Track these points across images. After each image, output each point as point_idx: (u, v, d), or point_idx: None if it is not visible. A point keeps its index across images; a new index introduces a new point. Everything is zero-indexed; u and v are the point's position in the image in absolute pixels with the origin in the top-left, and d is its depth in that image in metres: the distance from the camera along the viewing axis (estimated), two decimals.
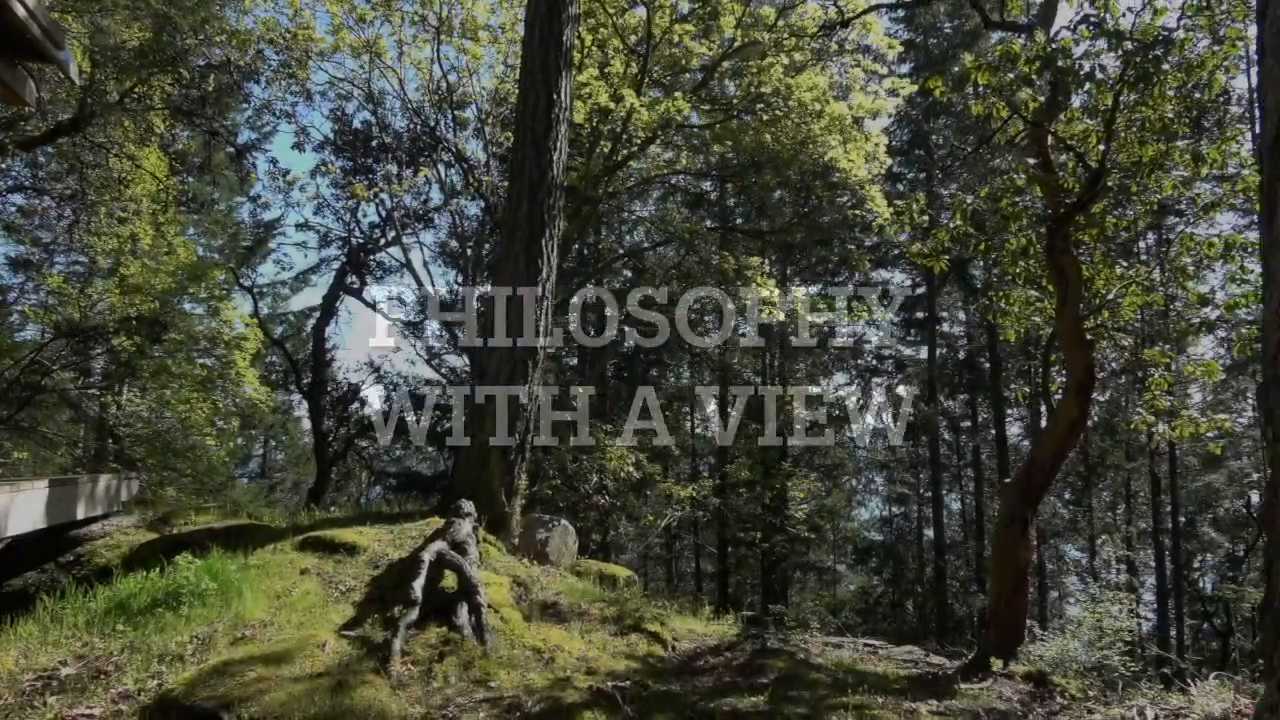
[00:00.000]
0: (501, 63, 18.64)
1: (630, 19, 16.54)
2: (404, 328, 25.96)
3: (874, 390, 30.79)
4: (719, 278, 18.52)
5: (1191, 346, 22.79)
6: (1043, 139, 7.66)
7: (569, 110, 9.64)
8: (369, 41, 17.89)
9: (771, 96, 15.03)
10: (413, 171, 22.21)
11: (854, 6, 13.95)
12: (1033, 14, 10.14)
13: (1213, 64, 7.51)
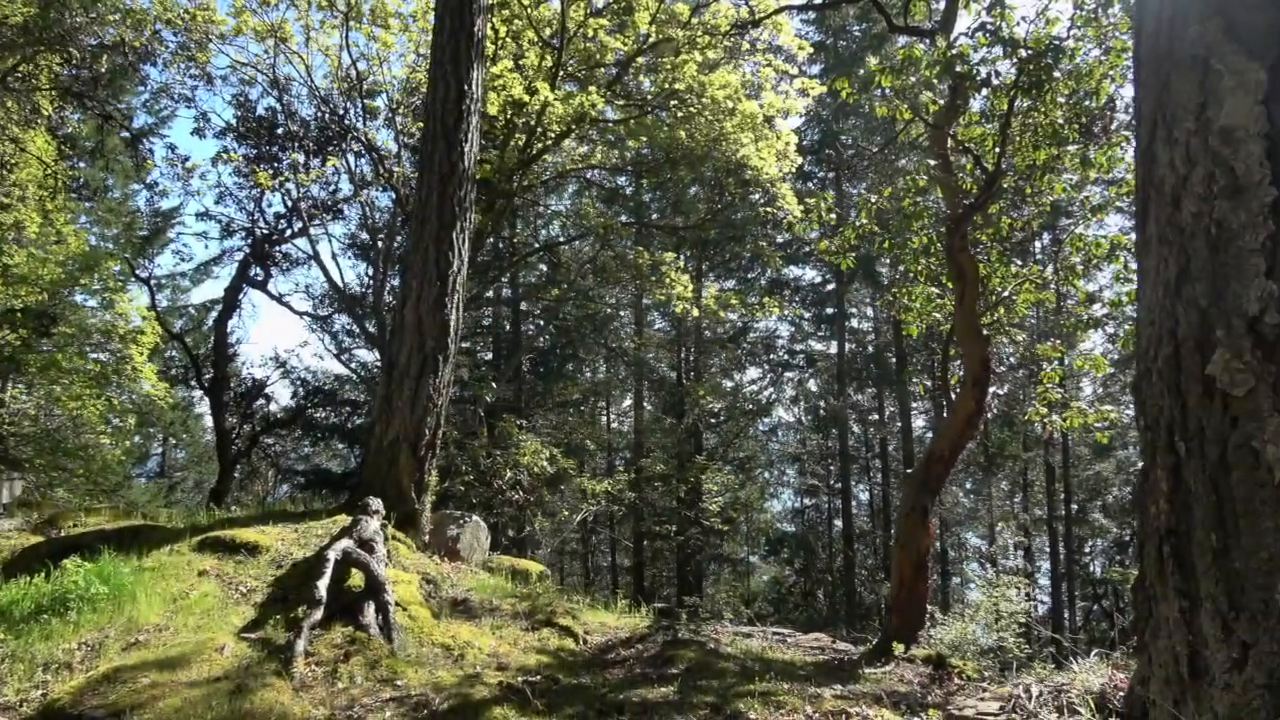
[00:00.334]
0: (414, 52, 18.27)
1: (545, 11, 16.42)
2: (312, 321, 25.25)
3: (786, 384, 31.38)
4: (634, 273, 18.59)
5: (1082, 342, 23.99)
6: (943, 141, 7.93)
7: (481, 102, 9.52)
8: (274, 25, 17.31)
9: (685, 93, 15.15)
10: (320, 161, 21.60)
11: (765, 7, 14.15)
12: (935, 20, 10.46)
13: (1100, 73, 7.89)
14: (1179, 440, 3.02)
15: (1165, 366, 3.09)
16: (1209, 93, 3.07)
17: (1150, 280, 3.26)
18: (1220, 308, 2.89)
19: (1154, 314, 3.20)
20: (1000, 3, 7.47)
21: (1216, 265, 2.94)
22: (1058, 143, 8.03)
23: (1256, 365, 2.76)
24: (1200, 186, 3.03)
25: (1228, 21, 3.06)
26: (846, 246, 9.16)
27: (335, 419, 26.67)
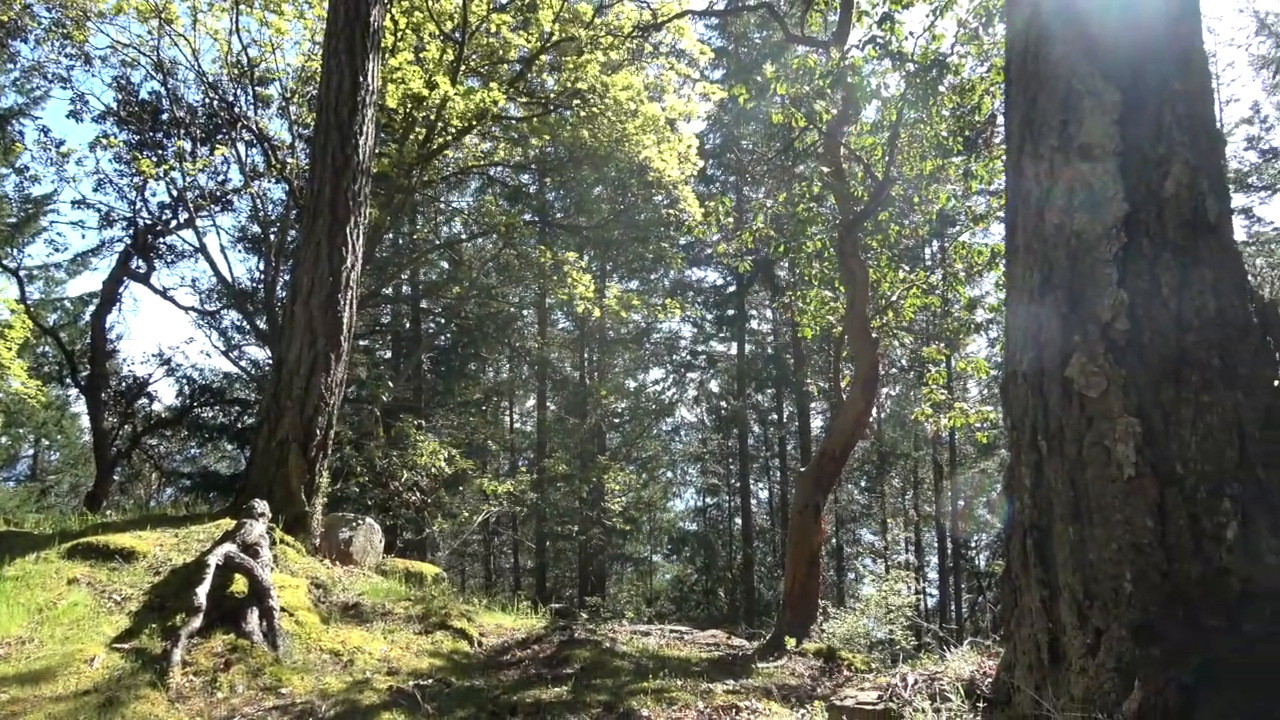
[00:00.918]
0: (309, 39, 17.67)
1: (446, 4, 16.14)
2: (199, 317, 24.15)
3: (688, 384, 31.71)
4: (537, 272, 18.47)
5: (966, 345, 25.04)
6: (836, 150, 8.17)
7: (378, 94, 9.30)
8: (158, 6, 16.47)
9: (589, 93, 15.14)
10: (209, 149, 20.71)
11: (667, 10, 14.28)
12: (830, 31, 10.74)
13: (982, 89, 8.26)
14: (1041, 439, 3.19)
15: (1029, 369, 3.26)
16: (1070, 111, 3.25)
17: (1017, 287, 3.44)
18: (1078, 314, 3.07)
19: (1020, 319, 3.38)
20: (890, 18, 7.75)
21: (1075, 274, 3.11)
22: (943, 154, 8.37)
23: (1109, 369, 2.94)
24: (1061, 200, 3.22)
25: (1088, 45, 3.25)
26: (744, 250, 9.34)
27: (224, 418, 25.58)
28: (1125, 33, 3.17)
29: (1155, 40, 3.17)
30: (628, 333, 29.27)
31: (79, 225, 32.03)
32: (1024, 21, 3.65)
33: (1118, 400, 2.92)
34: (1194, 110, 3.10)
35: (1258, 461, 2.79)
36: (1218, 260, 2.99)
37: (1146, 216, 3.00)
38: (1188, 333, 2.89)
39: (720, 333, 31.21)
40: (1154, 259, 2.96)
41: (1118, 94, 3.16)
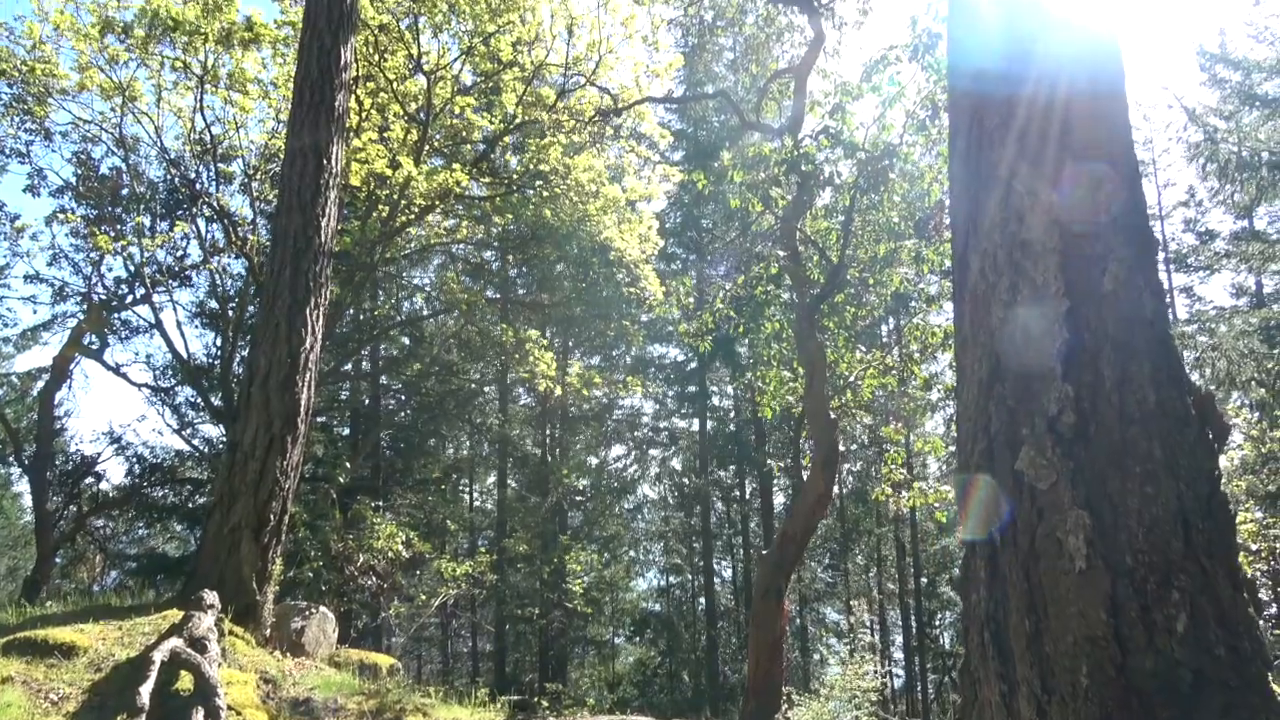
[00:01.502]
0: (274, 118, 17.84)
1: (411, 86, 16.45)
2: (152, 393, 23.68)
3: (650, 461, 31.58)
4: (499, 350, 18.46)
5: (922, 424, 25.32)
6: (792, 234, 8.36)
7: (340, 175, 9.38)
8: (122, 84, 16.56)
9: (551, 174, 15.41)
10: (169, 225, 20.64)
11: (628, 96, 14.69)
12: (785, 117, 11.08)
13: (930, 177, 8.55)
14: (994, 530, 3.21)
15: (981, 460, 3.31)
16: (1012, 209, 3.37)
17: (966, 378, 3.51)
18: (1025, 407, 3.13)
19: (970, 410, 3.44)
20: (841, 109, 8.04)
21: (1021, 367, 3.19)
22: (895, 238, 8.61)
23: (1057, 461, 2.99)
24: (1006, 294, 3.31)
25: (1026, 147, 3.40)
26: (705, 330, 9.44)
27: (174, 498, 24.92)
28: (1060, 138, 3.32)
29: (1089, 144, 3.33)
30: (589, 409, 29.21)
31: (30, 300, 31.43)
32: (965, 123, 3.81)
33: (1067, 492, 2.96)
34: (1127, 211, 3.24)
35: (1202, 552, 2.84)
36: (1156, 353, 3.08)
37: (1087, 312, 3.10)
38: (1130, 425, 2.96)
39: (682, 409, 31.27)
40: (1096, 353, 3.05)
41: (1054, 194, 3.29)
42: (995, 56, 3.85)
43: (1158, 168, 30.32)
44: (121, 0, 15.82)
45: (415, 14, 15.03)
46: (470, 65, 16.54)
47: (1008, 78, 3.70)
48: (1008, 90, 3.67)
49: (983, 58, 3.95)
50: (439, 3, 14.64)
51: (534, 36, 15.27)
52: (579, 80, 15.44)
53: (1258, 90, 15.49)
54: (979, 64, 3.97)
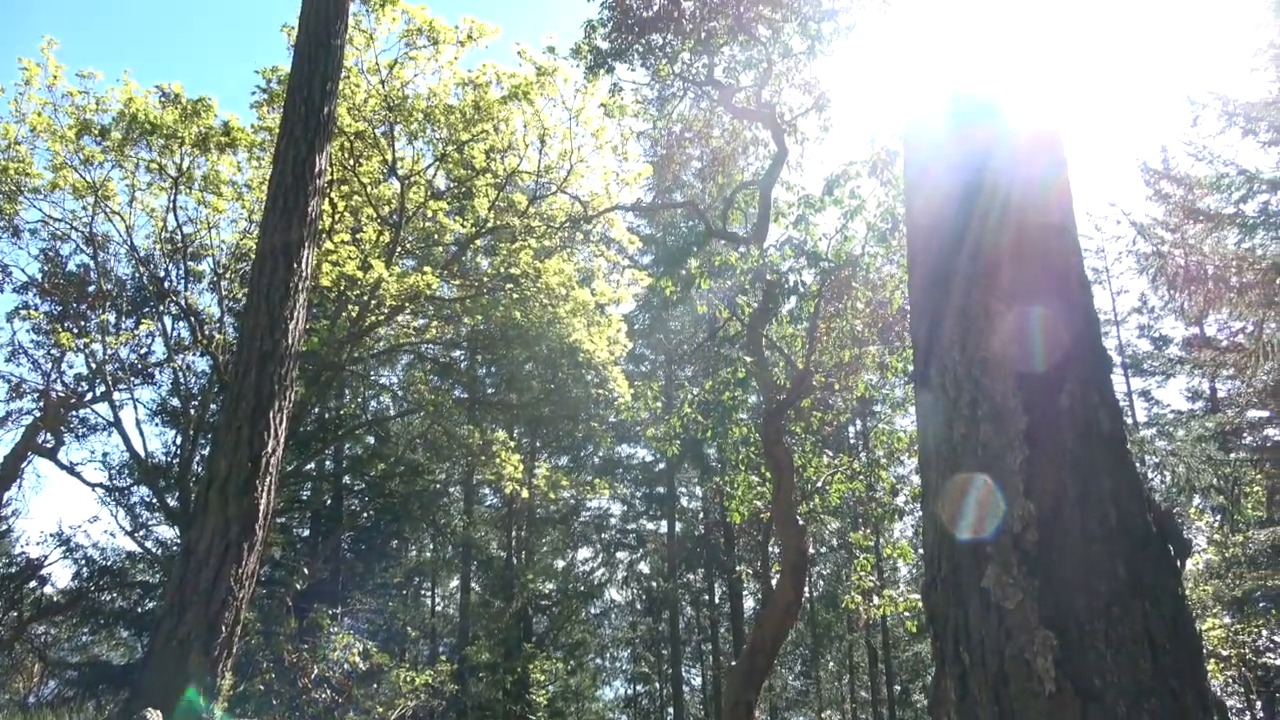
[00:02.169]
0: (246, 218, 18.01)
1: (385, 190, 16.74)
2: (106, 493, 23.02)
3: (618, 565, 31.02)
4: (465, 451, 18.27)
5: (892, 529, 25.22)
6: (758, 340, 8.48)
7: (310, 278, 9.41)
8: (95, 184, 16.69)
9: (521, 277, 15.61)
10: (134, 322, 20.50)
11: (598, 204, 15.05)
12: (750, 225, 11.37)
13: (892, 285, 8.76)
14: (964, 650, 3.17)
15: (948, 578, 3.29)
16: (969, 327, 3.46)
17: (932, 493, 3.52)
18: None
19: (936, 526, 3.44)
20: (804, 220, 8.28)
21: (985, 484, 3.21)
22: (859, 344, 8.76)
23: (1023, 580, 2.99)
24: (966, 410, 3.36)
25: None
26: (672, 434, 9.44)
27: (123, 603, 23.97)
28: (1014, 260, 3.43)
29: (1043, 267, 3.45)
30: (556, 510, 28.79)
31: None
32: (922, 241, 3.94)
33: (1034, 612, 2.94)
34: (1081, 330, 3.33)
35: (1171, 674, 2.82)
36: (1115, 471, 3.12)
37: (1046, 429, 3.15)
38: (1094, 543, 2.97)
39: (650, 510, 30.93)
40: (1056, 470, 3.08)
41: (1010, 314, 3.39)
42: (950, 178, 4.00)
43: (1111, 275, 31.38)
44: (100, 104, 16.08)
45: (391, 122, 15.42)
46: (444, 171, 16.91)
47: (962, 199, 3.85)
48: (962, 210, 3.81)
49: (938, 178, 4.11)
50: (415, 112, 15.05)
51: (507, 145, 15.70)
52: (550, 187, 15.82)
53: (1199, 205, 16.20)
54: (934, 183, 4.13)
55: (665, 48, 12.01)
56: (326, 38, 9.55)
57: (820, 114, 10.77)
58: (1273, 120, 14.41)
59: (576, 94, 14.91)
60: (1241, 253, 12.03)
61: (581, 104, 14.99)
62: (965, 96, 3.97)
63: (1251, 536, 15.33)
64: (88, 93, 15.91)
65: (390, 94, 15.02)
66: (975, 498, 3.20)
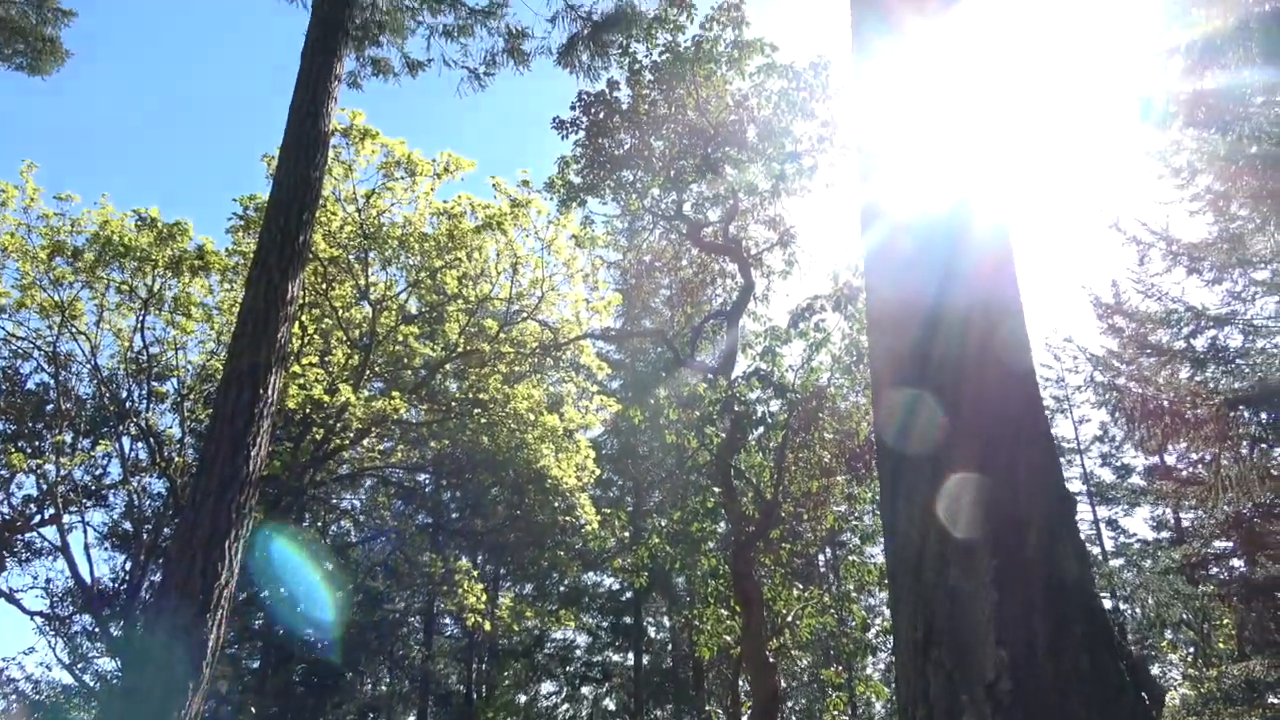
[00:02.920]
0: (214, 340, 17.97)
1: (356, 314, 16.85)
2: (46, 622, 21.90)
3: (583, 700, 29.76)
4: (427, 579, 17.76)
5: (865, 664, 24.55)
6: (726, 470, 8.47)
7: (276, 404, 9.32)
8: (63, 303, 16.64)
9: (490, 403, 15.59)
10: (91, 443, 20.07)
11: (568, 330, 15.24)
12: (718, 353, 11.52)
13: (858, 416, 8.85)
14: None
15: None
16: (935, 468, 3.48)
17: (903, 638, 3.46)
18: (963, 672, 3.08)
19: (908, 673, 3.36)
20: (771, 352, 8.42)
21: (955, 630, 3.17)
22: (826, 474, 8.77)
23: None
24: (934, 551, 3.35)
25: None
26: (640, 565, 9.27)
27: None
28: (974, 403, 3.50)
29: (1002, 409, 3.52)
30: (519, 642, 27.78)
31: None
32: (885, 375, 4.02)
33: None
34: (1045, 473, 3.37)
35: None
36: (1085, 618, 3.10)
37: (1015, 573, 3.14)
38: (1067, 693, 2.92)
39: (616, 641, 29.94)
40: (1027, 617, 3.06)
41: (974, 454, 3.43)
42: (909, 313, 4.11)
43: (1072, 404, 31.95)
44: (76, 225, 16.24)
45: (366, 249, 15.68)
46: (416, 296, 17.10)
47: (921, 336, 3.94)
48: (922, 345, 3.89)
49: (897, 313, 4.22)
50: (390, 240, 15.34)
51: (480, 272, 15.98)
52: (522, 314, 16.02)
53: (1151, 339, 16.73)
54: (895, 319, 4.24)
55: (636, 183, 12.48)
56: (306, 169, 9.80)
57: (785, 249, 11.14)
58: (1214, 259, 15.11)
59: (549, 225, 15.34)
60: (1195, 387, 12.39)
61: (554, 234, 15.39)
62: (921, 233, 4.13)
63: (1225, 671, 15.15)
64: (64, 214, 16.09)
65: (366, 222, 15.34)
66: (946, 646, 3.15)
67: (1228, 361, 14.79)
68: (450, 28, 12.07)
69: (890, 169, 4.42)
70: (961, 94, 4.19)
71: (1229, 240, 14.42)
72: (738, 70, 11.64)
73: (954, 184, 4.10)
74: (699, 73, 11.13)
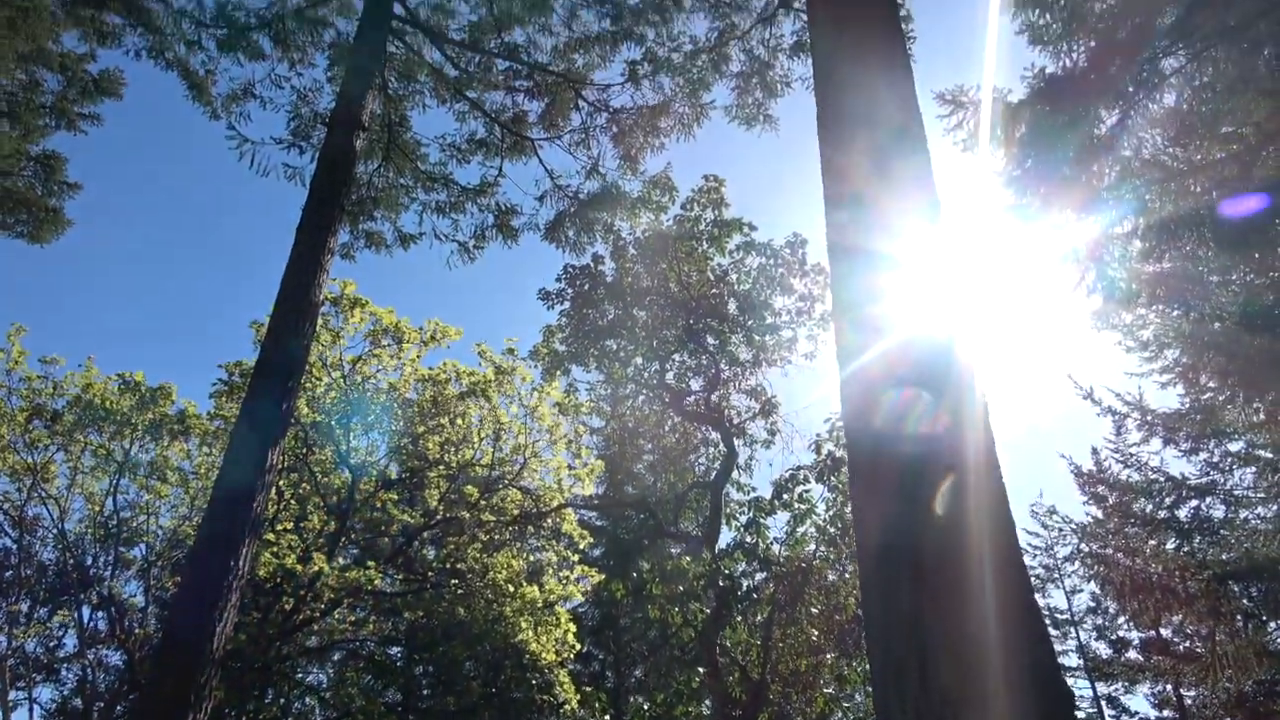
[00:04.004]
0: (188, 504, 17.62)
1: (335, 479, 16.64)
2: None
3: None
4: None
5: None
6: (711, 649, 8.18)
7: (245, 577, 9.02)
8: (36, 466, 16.39)
9: (468, 573, 15.17)
10: (49, 612, 19.27)
11: (549, 497, 15.06)
12: (702, 520, 11.37)
13: (845, 590, 8.66)
14: None
15: None
16: (925, 658, 3.38)
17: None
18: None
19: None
20: (756, 523, 8.33)
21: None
22: (814, 653, 8.47)
23: None
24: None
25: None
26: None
27: None
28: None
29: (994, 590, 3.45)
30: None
31: None
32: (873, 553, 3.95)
33: None
34: (1039, 663, 3.28)
35: None
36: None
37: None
38: None
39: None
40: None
41: (964, 636, 3.33)
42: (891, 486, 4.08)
43: (1063, 574, 31.39)
44: (58, 388, 16.25)
45: (349, 414, 15.68)
46: (397, 461, 16.97)
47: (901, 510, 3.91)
48: (904, 520, 3.85)
49: (884, 496, 4.20)
50: (373, 406, 15.38)
51: (462, 438, 15.95)
52: (503, 480, 15.88)
53: (1134, 507, 16.69)
54: (881, 496, 4.21)
55: (619, 352, 12.72)
56: (294, 338, 9.92)
57: (767, 418, 11.24)
58: (1189, 430, 15.32)
59: (533, 391, 15.46)
60: (1182, 559, 12.27)
61: (537, 401, 15.49)
62: (900, 405, 4.18)
63: None
64: (47, 377, 16.12)
65: (351, 388, 15.42)
66: None
67: (1213, 533, 14.72)
68: (443, 204, 12.59)
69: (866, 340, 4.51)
70: (932, 267, 4.35)
71: (1202, 411, 14.67)
72: (718, 247, 12.15)
73: (929, 352, 4.16)
74: (681, 249, 11.59)
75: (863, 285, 4.56)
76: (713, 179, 14.28)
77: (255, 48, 11.13)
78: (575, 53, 11.54)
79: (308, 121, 11.29)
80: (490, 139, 12.13)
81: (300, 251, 9.47)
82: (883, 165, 4.59)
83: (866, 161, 4.59)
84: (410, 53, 11.78)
